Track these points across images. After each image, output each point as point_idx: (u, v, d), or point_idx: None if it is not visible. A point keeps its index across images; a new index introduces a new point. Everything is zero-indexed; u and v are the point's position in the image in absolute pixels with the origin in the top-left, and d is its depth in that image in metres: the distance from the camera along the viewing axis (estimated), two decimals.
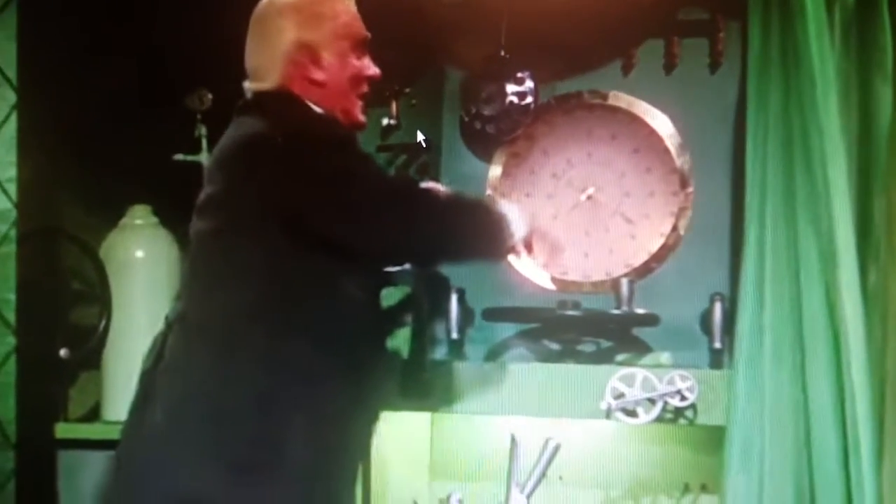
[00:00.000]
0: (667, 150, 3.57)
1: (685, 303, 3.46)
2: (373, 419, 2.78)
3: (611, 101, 3.60)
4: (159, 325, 2.69)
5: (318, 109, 2.71)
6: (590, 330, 3.50)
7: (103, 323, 3.72)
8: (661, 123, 3.58)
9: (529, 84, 3.55)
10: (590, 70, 3.62)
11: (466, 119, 3.62)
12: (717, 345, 3.37)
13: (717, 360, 3.38)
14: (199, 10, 3.58)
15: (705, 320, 3.41)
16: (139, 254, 3.77)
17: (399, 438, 3.53)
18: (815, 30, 3.15)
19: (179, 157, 3.75)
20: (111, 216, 3.83)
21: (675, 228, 3.57)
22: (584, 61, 3.61)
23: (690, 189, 3.56)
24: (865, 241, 3.19)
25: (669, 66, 3.59)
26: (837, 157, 3.13)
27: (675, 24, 3.58)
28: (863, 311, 3.08)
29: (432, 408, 3.39)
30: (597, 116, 3.62)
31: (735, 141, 3.47)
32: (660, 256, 3.57)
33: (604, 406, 3.22)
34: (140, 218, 3.81)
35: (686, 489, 3.52)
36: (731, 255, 3.46)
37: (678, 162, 3.57)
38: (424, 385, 3.15)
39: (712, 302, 3.38)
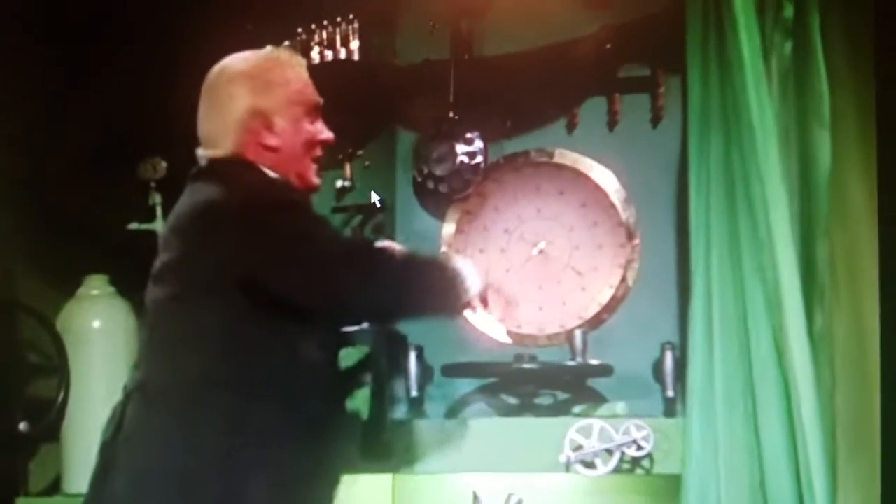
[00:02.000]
0: (612, 205, 3.64)
1: (637, 352, 3.51)
2: (335, 482, 2.77)
3: (557, 159, 3.68)
4: (118, 395, 2.66)
5: (272, 174, 2.72)
6: (546, 382, 3.54)
7: (62, 395, 3.69)
8: (606, 179, 3.65)
9: (479, 144, 3.62)
10: (536, 129, 3.70)
11: (419, 179, 3.67)
12: (670, 393, 3.41)
13: (670, 408, 3.43)
14: (150, 78, 3.61)
15: (657, 369, 3.46)
16: (96, 324, 3.76)
17: (361, 501, 3.50)
18: (753, 80, 3.22)
19: (134, 225, 3.75)
20: (67, 287, 3.81)
21: (623, 280, 3.63)
22: (530, 120, 3.69)
23: (637, 241, 3.63)
24: (810, 285, 3.25)
25: (612, 123, 3.67)
26: (779, 203, 3.19)
27: (616, 82, 3.67)
28: (810, 354, 3.13)
29: (393, 469, 3.40)
30: (544, 173, 3.69)
31: (679, 192, 3.54)
32: (610, 307, 3.62)
33: (563, 458, 3.24)
34: (96, 288, 3.79)
35: None
36: (679, 304, 3.52)
37: (624, 215, 3.64)
38: (385, 446, 3.14)
39: (663, 351, 3.43)
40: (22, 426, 3.66)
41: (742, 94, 3.24)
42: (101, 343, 3.72)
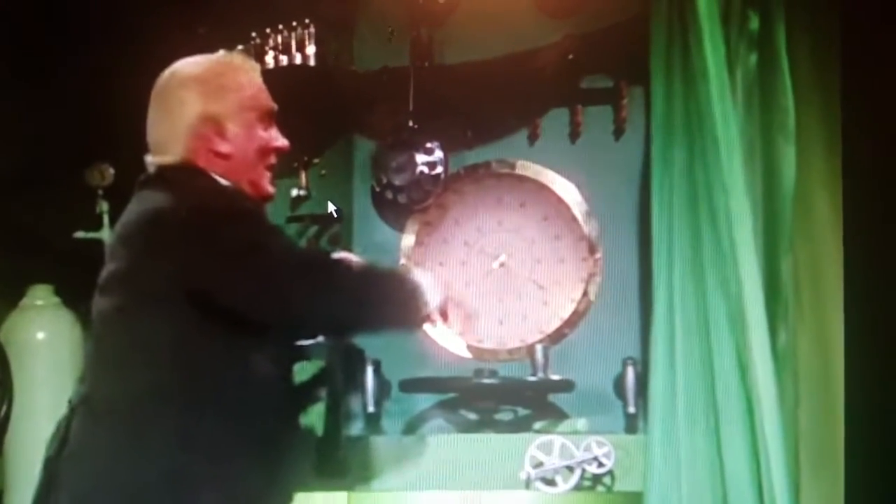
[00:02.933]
0: (574, 218, 3.62)
1: (598, 368, 3.49)
2: (288, 499, 2.72)
3: (518, 171, 3.65)
4: (63, 409, 2.60)
5: (224, 182, 2.67)
6: (507, 398, 3.51)
7: (4, 408, 3.63)
8: (568, 191, 3.62)
9: (439, 154, 3.58)
10: (497, 140, 3.67)
11: (378, 189, 3.63)
12: (632, 409, 3.39)
13: (632, 424, 3.40)
14: (98, 82, 3.55)
15: (619, 385, 3.43)
16: (40, 335, 3.70)
17: None
18: (718, 92, 3.21)
19: (80, 234, 3.69)
20: (11, 297, 3.76)
21: (585, 294, 3.60)
22: (492, 131, 3.66)
23: (599, 255, 3.60)
24: (774, 300, 3.23)
25: (574, 135, 3.64)
26: (743, 216, 3.17)
27: (579, 93, 3.64)
28: (774, 370, 3.11)
29: (349, 486, 3.34)
30: (506, 185, 3.66)
31: (641, 206, 3.52)
32: (572, 322, 3.59)
33: (523, 475, 3.21)
34: (41, 298, 3.74)
35: None
36: (641, 318, 3.50)
37: (586, 229, 3.61)
38: (340, 463, 3.08)
39: (625, 366, 3.40)
40: None
41: (706, 106, 3.22)
42: (45, 355, 3.68)
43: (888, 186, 3.43)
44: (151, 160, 2.70)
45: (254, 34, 3.52)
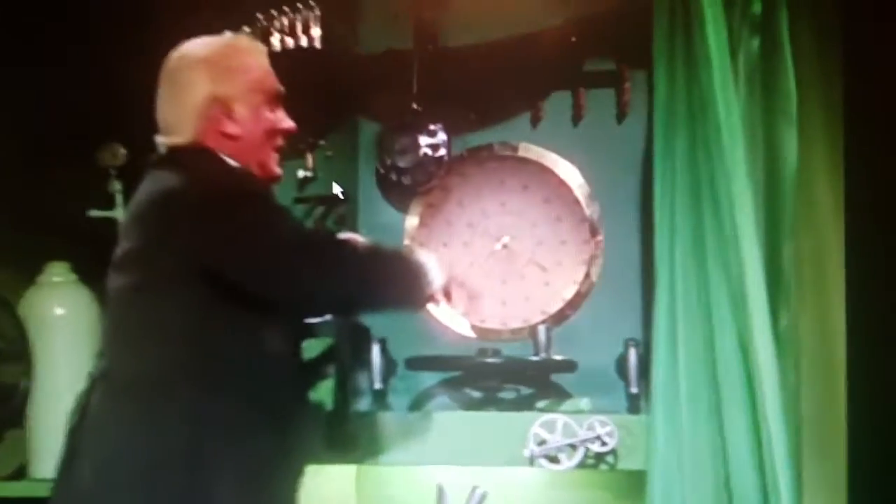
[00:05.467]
0: (576, 200, 3.63)
1: (601, 349, 3.49)
2: (298, 473, 2.76)
3: (521, 153, 3.66)
4: (83, 382, 2.66)
5: (232, 163, 2.71)
6: (510, 377, 3.52)
7: (26, 381, 3.67)
8: (570, 174, 3.64)
9: (442, 136, 3.59)
10: (500, 122, 3.67)
11: (382, 171, 3.65)
12: (634, 389, 3.39)
13: (634, 404, 3.41)
14: (109, 64, 3.57)
15: (621, 366, 3.44)
16: (59, 311, 3.73)
17: (325, 492, 3.49)
18: (720, 77, 3.21)
19: (94, 212, 3.72)
20: (29, 273, 3.79)
21: (587, 276, 3.62)
22: (495, 114, 3.67)
23: (600, 237, 3.62)
24: (776, 284, 3.24)
25: (577, 118, 3.66)
26: (745, 201, 3.17)
27: (582, 76, 3.65)
28: (775, 354, 3.11)
29: (357, 460, 3.38)
30: (508, 167, 3.68)
31: (643, 189, 3.53)
32: (574, 303, 3.61)
33: (527, 453, 3.23)
34: (58, 275, 3.77)
35: None
36: (643, 300, 3.51)
37: (588, 211, 3.63)
38: (349, 437, 3.14)
39: (627, 347, 3.41)
40: None
41: (709, 90, 3.22)
42: (63, 330, 3.70)
43: (891, 171, 3.44)
44: (162, 141, 2.74)
45: (260, 17, 3.53)
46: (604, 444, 3.24)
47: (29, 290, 3.77)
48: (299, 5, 3.53)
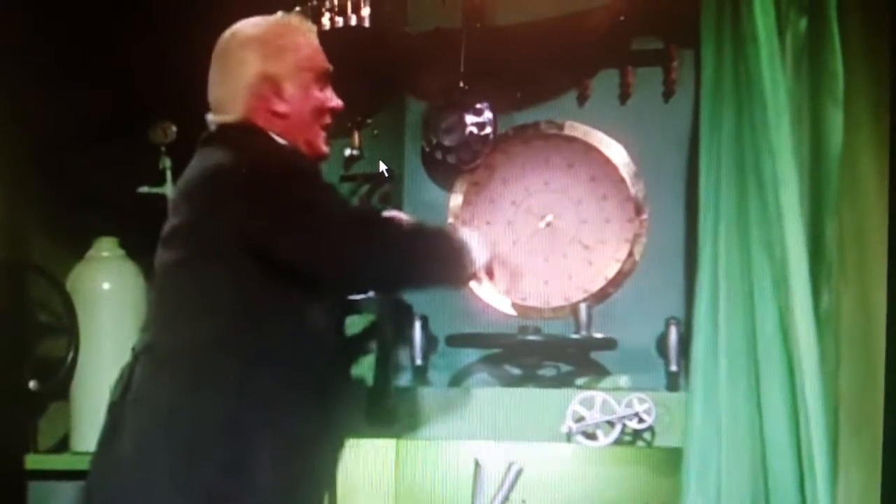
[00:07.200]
0: (622, 179, 3.64)
1: (642, 327, 3.50)
2: (339, 446, 2.81)
3: (567, 131, 3.67)
4: (127, 356, 2.70)
5: (281, 141, 2.75)
6: (550, 354, 3.54)
7: (71, 354, 3.73)
8: (616, 152, 3.64)
9: (488, 115, 3.59)
10: (546, 100, 3.68)
11: (427, 149, 3.66)
12: (674, 368, 3.41)
13: (673, 382, 3.42)
14: (161, 43, 3.61)
15: (661, 344, 3.46)
16: (106, 286, 3.79)
17: (364, 465, 3.55)
18: (768, 56, 3.20)
19: (144, 189, 3.77)
20: (77, 249, 3.85)
21: (630, 254, 3.62)
22: (541, 92, 3.67)
23: (645, 216, 3.62)
24: (818, 263, 3.24)
25: (624, 96, 3.65)
26: (790, 180, 3.17)
27: (629, 55, 3.64)
28: (816, 333, 3.12)
29: (397, 434, 3.42)
30: (553, 146, 3.68)
31: (689, 168, 3.53)
32: (616, 282, 3.62)
33: (564, 429, 3.26)
34: (106, 250, 3.83)
35: None
36: (685, 279, 3.51)
37: (633, 190, 3.63)
38: (389, 412, 3.17)
39: (668, 326, 3.43)
40: (32, 384, 3.70)
41: (755, 70, 3.21)
42: (110, 304, 3.76)
43: None
44: (212, 119, 2.78)
45: None
46: (641, 420, 3.26)
47: (77, 264, 3.83)
48: None
